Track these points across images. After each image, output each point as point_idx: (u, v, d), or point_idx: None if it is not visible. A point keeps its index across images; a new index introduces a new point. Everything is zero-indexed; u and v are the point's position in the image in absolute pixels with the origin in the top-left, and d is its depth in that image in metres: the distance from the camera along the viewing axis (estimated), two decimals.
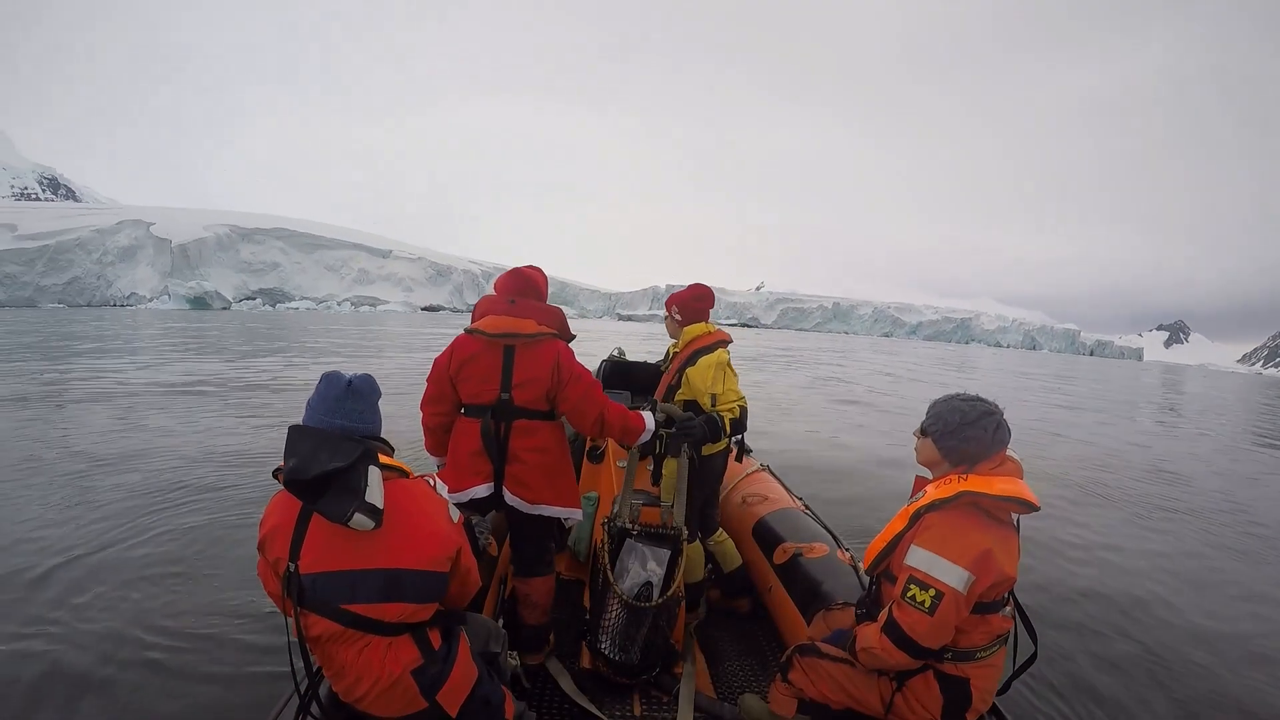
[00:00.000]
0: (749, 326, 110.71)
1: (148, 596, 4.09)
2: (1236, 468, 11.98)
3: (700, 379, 3.09)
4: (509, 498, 2.62)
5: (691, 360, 3.15)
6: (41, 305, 60.16)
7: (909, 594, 1.90)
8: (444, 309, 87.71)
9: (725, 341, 3.26)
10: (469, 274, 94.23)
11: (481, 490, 2.60)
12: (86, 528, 5.09)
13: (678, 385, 3.22)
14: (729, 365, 3.21)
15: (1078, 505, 7.92)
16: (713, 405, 3.07)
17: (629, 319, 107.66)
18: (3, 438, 7.89)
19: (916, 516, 2.00)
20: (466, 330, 2.64)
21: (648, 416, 2.86)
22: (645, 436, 2.85)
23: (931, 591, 1.86)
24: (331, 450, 1.70)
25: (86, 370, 14.41)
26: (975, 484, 1.92)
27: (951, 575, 1.85)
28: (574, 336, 2.76)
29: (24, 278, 60.48)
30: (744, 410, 3.19)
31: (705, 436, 3.01)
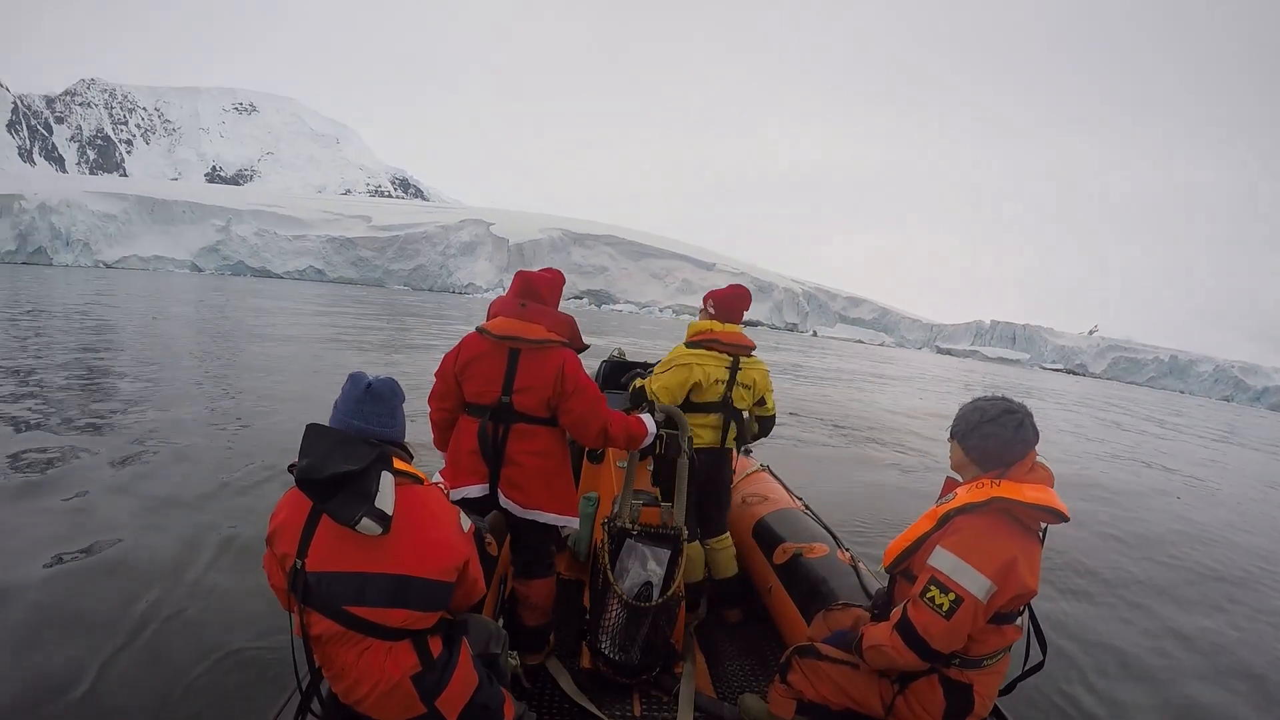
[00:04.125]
0: (1074, 374, 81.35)
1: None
2: None
3: (658, 367, 3.17)
4: (503, 500, 2.57)
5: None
6: (388, 286, 68.05)
7: (928, 594, 1.84)
8: (762, 324, 77.83)
9: (718, 343, 3.13)
10: (789, 292, 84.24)
11: (475, 490, 2.56)
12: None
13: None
14: (696, 364, 3.09)
15: None
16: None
17: (948, 353, 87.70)
18: None
19: (946, 519, 1.92)
20: (477, 329, 2.58)
21: (648, 420, 2.80)
22: (648, 440, 2.79)
23: (951, 595, 1.80)
24: (346, 453, 1.69)
25: None
26: (1008, 490, 1.85)
27: (974, 583, 1.79)
28: (586, 347, 2.70)
29: (375, 261, 69.59)
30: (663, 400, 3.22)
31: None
